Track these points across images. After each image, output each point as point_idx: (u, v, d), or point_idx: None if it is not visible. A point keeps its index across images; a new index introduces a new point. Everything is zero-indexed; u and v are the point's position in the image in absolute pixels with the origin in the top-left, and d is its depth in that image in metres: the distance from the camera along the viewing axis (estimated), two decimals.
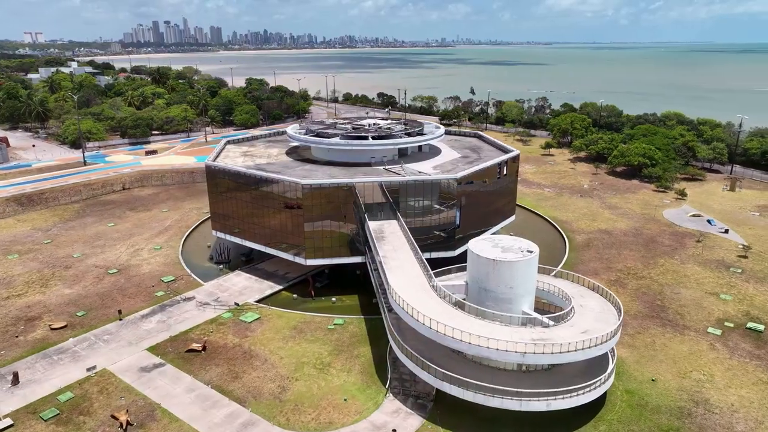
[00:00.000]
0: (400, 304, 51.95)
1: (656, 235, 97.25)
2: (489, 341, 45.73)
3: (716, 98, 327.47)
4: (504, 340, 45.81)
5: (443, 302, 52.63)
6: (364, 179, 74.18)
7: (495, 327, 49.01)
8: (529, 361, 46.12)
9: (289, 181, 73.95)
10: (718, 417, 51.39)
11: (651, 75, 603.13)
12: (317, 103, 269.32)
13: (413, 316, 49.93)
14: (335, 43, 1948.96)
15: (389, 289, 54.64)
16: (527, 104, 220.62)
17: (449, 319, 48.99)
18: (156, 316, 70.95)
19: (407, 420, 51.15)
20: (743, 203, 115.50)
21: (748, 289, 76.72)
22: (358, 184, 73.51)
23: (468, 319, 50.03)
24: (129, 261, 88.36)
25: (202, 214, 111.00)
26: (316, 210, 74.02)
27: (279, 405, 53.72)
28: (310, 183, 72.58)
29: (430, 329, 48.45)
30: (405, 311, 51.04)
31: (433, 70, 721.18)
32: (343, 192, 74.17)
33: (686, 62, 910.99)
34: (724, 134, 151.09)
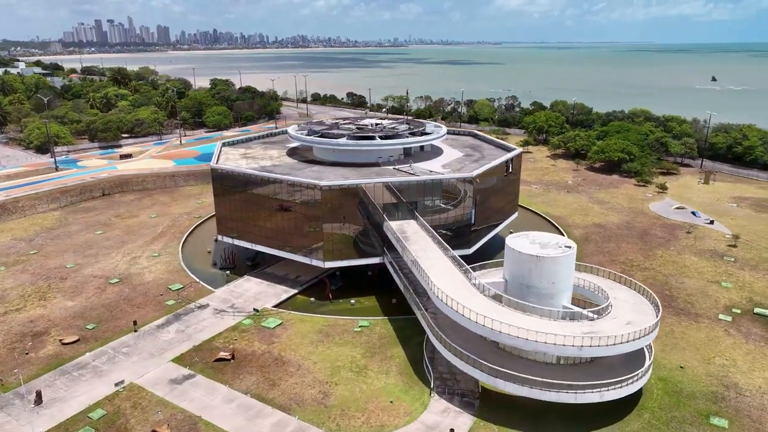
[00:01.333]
0: (448, 303, 52.10)
1: (648, 228, 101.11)
2: (547, 336, 46.49)
3: (663, 95, 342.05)
4: (561, 334, 46.64)
5: (489, 299, 53.13)
6: (382, 179, 73.85)
7: (544, 322, 49.87)
8: (585, 354, 47.20)
9: (307, 182, 72.77)
10: (750, 399, 53.99)
11: (599, 73, 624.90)
12: (286, 103, 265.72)
13: (465, 315, 50.16)
14: (288, 43, 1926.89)
15: (433, 289, 54.65)
16: (497, 103, 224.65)
17: (499, 316, 49.47)
18: (173, 325, 68.49)
19: (458, 419, 51.36)
20: (719, 195, 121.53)
21: (745, 276, 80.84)
22: (377, 184, 73.08)
23: (515, 315, 50.67)
24: (129, 270, 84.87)
25: (193, 219, 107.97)
26: (335, 211, 73.18)
27: (325, 411, 52.89)
28: (329, 184, 71.68)
29: (485, 327, 48.82)
30: (455, 310, 51.20)
31: (390, 70, 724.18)
32: (361, 193, 73.59)
33: (629, 61, 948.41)
34: (691, 130, 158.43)
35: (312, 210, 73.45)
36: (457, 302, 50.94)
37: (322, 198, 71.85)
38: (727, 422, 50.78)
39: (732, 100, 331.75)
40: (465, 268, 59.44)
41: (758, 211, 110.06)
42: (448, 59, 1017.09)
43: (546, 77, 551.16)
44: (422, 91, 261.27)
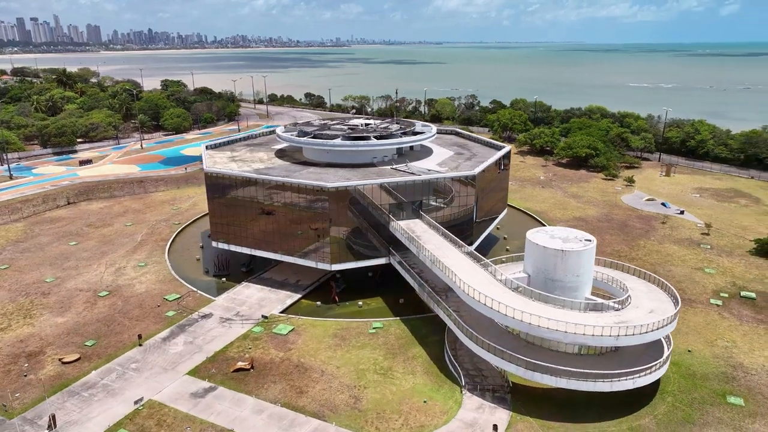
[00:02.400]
0: (481, 300, 52.55)
1: (626, 220, 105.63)
2: (585, 328, 47.81)
3: (601, 93, 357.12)
4: (595, 325, 48.09)
5: (519, 295, 54.01)
6: (389, 179, 73.57)
7: (576, 314, 51.27)
8: (622, 343, 48.83)
9: (313, 184, 71.48)
10: (757, 377, 57.47)
11: (540, 72, 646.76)
12: (244, 105, 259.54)
13: (501, 311, 50.79)
14: (228, 43, 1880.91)
15: (463, 287, 54.98)
16: (457, 102, 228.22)
17: (534, 310, 50.44)
18: (179, 337, 65.70)
19: (495, 414, 51.98)
20: (682, 187, 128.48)
21: (724, 262, 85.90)
22: (383, 184, 72.78)
23: (547, 308, 51.77)
24: (116, 281, 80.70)
25: (172, 225, 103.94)
26: (342, 213, 72.31)
27: (361, 415, 52.25)
28: (337, 185, 70.73)
29: (523, 322, 49.63)
30: (490, 307, 51.71)
31: (337, 69, 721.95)
32: (366, 193, 73.03)
33: (566, 60, 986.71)
34: (647, 125, 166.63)
35: (318, 212, 72.24)
36: (492, 299, 51.51)
37: (329, 200, 70.80)
38: (743, 400, 53.87)
39: (666, 96, 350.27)
40: (484, 263, 60.36)
41: (720, 201, 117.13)
42: (392, 59, 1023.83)
43: (492, 76, 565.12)
44: (374, 90, 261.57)
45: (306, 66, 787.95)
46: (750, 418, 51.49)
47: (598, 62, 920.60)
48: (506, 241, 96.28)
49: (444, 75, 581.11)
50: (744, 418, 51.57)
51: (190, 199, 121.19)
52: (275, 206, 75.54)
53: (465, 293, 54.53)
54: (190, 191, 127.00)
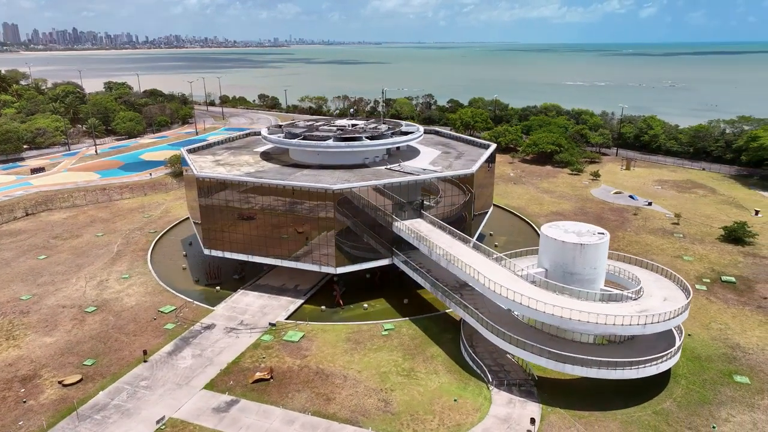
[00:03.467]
0: (508, 296, 53.26)
1: (600, 212, 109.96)
2: (615, 318, 49.44)
3: (542, 91, 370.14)
4: (627, 315, 49.85)
5: (542, 289, 55.08)
6: (391, 180, 73.17)
7: (599, 305, 52.90)
8: (648, 330, 50.74)
9: (317, 187, 70.09)
10: (755, 356, 61.29)
11: (481, 71, 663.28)
12: (195, 107, 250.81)
13: (530, 306, 51.67)
14: (161, 43, 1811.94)
15: (488, 284, 55.47)
16: (415, 101, 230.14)
17: (561, 304, 51.63)
18: (186, 350, 62.82)
19: (526, 408, 52.83)
20: (643, 179, 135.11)
21: (699, 250, 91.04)
22: (386, 185, 72.38)
23: (571, 301, 53.10)
24: (101, 296, 76.20)
25: (149, 234, 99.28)
26: (346, 215, 71.32)
27: (394, 418, 51.79)
28: (341, 187, 69.67)
29: (553, 316, 50.70)
30: (519, 303, 52.48)
31: (280, 69, 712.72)
32: (369, 194, 72.39)
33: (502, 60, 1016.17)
34: (602, 121, 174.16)
35: (322, 215, 70.93)
36: (521, 294, 52.33)
37: (334, 202, 69.67)
38: (748, 378, 57.32)
39: (601, 93, 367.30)
40: (496, 257, 61.39)
41: (681, 192, 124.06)
42: (334, 59, 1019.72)
43: (437, 75, 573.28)
44: (321, 90, 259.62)
45: (247, 66, 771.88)
46: (759, 395, 54.84)
47: (533, 62, 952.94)
48: (493, 238, 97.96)
49: (390, 75, 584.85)
50: (753, 395, 54.87)
51: (160, 206, 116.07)
52: (275, 210, 73.54)
53: (491, 290, 55.06)
54: (158, 198, 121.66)
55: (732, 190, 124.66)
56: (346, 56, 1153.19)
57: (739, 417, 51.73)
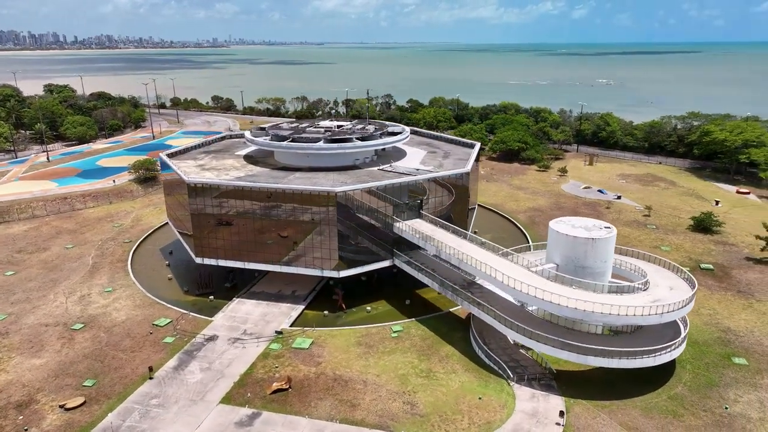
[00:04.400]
0: (529, 291, 54.12)
1: (575, 207, 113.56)
2: (636, 309, 51.16)
3: (488, 90, 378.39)
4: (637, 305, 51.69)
5: (558, 284, 56.23)
6: (391, 181, 72.74)
7: (615, 297, 54.57)
8: (665, 319, 52.75)
9: (319, 190, 68.69)
10: (746, 338, 64.96)
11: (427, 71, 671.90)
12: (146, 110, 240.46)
13: (552, 301, 52.69)
14: (91, 43, 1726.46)
15: (507, 281, 56.08)
16: (375, 101, 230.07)
17: (582, 297, 52.95)
18: (192, 364, 60.18)
19: (550, 401, 53.81)
20: (607, 174, 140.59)
21: (673, 239, 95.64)
22: (387, 186, 71.92)
23: (588, 294, 54.48)
24: (87, 311, 71.85)
25: (123, 244, 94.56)
26: (348, 218, 70.30)
27: (424, 420, 51.54)
28: (344, 189, 68.60)
29: (576, 310, 51.90)
30: (541, 299, 53.38)
31: (224, 70, 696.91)
32: (369, 196, 71.70)
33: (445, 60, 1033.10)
34: (560, 119, 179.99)
35: (324, 218, 69.58)
36: (543, 290, 53.31)
37: (337, 205, 68.50)
38: (745, 360, 60.70)
39: (545, 92, 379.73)
40: (503, 252, 62.40)
41: (645, 185, 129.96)
42: (278, 59, 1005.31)
43: (384, 75, 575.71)
44: (269, 91, 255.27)
45: (188, 67, 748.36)
46: (758, 374, 58.17)
47: (475, 61, 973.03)
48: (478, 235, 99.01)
49: (338, 75, 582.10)
50: (753, 375, 58.14)
51: (129, 214, 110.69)
52: (273, 215, 71.58)
53: (511, 287, 55.74)
54: (126, 206, 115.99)
55: (690, 183, 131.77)
56: (290, 57, 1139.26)
57: (746, 397, 54.68)
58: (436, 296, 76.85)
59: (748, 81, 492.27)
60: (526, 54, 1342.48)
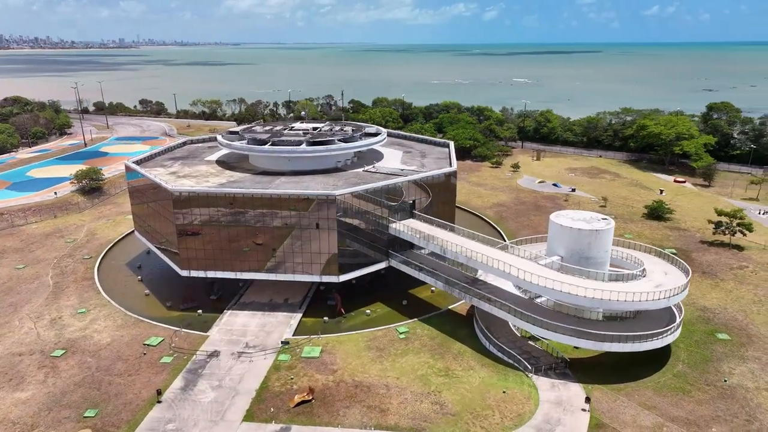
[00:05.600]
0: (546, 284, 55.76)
1: (536, 201, 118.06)
2: (648, 294, 54.08)
3: (415, 90, 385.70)
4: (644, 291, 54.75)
5: (571, 275, 58.26)
6: (388, 182, 72.10)
7: (623, 285, 57.36)
8: (672, 302, 56.14)
9: (318, 194, 66.87)
10: (723, 314, 70.35)
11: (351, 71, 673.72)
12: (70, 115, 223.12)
13: (570, 292, 54.60)
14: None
15: (521, 275, 57.37)
16: (316, 102, 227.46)
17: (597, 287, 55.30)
18: (201, 383, 56.85)
19: (570, 389, 55.71)
20: (556, 168, 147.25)
21: (633, 227, 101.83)
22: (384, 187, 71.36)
23: (599, 283, 56.91)
24: (63, 336, 65.93)
25: (84, 261, 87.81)
26: (347, 221, 69.05)
27: (457, 418, 51.73)
28: (343, 192, 67.22)
29: (594, 299, 54.09)
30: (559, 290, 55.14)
31: (137, 72, 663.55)
32: (365, 199, 70.82)
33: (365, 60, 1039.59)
34: (503, 117, 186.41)
35: (323, 223, 67.86)
36: (560, 282, 55.10)
37: (336, 208, 67.09)
38: (728, 335, 65.86)
39: (467, 90, 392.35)
40: (502, 245, 64.15)
41: (592, 177, 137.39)
42: (195, 60, 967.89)
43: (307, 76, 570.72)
44: (197, 94, 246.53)
45: (98, 69, 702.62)
46: (742, 347, 63.29)
47: (395, 61, 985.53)
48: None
49: (262, 76, 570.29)
50: (738, 348, 63.20)
51: (79, 228, 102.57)
52: (266, 223, 68.93)
53: (528, 281, 57.15)
54: (74, 219, 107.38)
55: (631, 174, 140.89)
56: (208, 58, 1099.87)
57: (738, 369, 59.33)
58: (429, 295, 77.46)
59: (646, 79, 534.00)
60: (443, 54, 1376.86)
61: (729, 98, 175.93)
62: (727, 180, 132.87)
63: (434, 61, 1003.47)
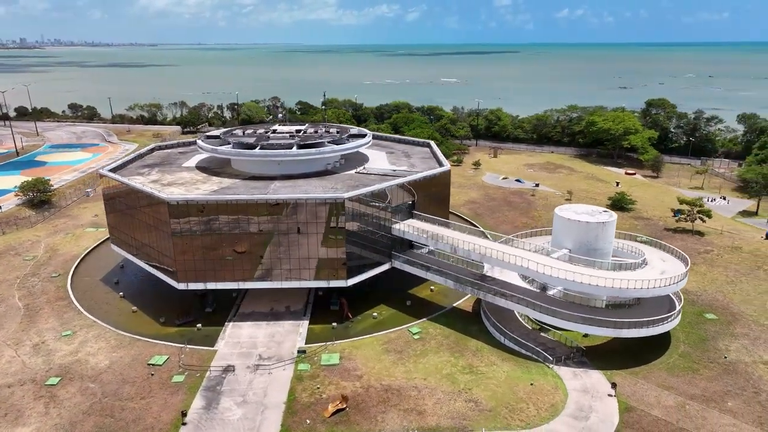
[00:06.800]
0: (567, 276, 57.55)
1: (504, 197, 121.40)
2: (661, 281, 57.08)
3: (349, 91, 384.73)
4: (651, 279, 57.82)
5: (583, 267, 60.37)
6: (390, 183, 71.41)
7: (631, 273, 60.18)
8: (680, 287, 59.51)
9: (325, 197, 65.23)
10: (703, 296, 75.29)
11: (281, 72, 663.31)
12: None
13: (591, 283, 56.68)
14: None
15: (540, 269, 58.81)
16: (262, 104, 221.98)
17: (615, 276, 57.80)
18: (224, 400, 54.08)
19: (592, 377, 57.78)
20: (514, 165, 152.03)
21: None
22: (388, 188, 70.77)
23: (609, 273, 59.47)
24: (53, 362, 60.58)
25: (51, 279, 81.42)
26: (355, 224, 67.84)
27: (494, 414, 52.30)
28: (351, 195, 65.93)
29: (613, 288, 56.46)
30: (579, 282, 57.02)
31: (47, 74, 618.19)
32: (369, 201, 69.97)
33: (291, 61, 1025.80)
34: (455, 116, 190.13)
35: (331, 227, 66.27)
36: (581, 273, 57.07)
37: (344, 212, 65.80)
38: (714, 314, 70.76)
39: (399, 90, 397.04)
40: (504, 239, 65.98)
41: (550, 172, 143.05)
42: (111, 62, 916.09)
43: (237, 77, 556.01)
44: (126, 96, 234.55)
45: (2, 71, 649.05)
46: (730, 325, 68.21)
47: (322, 62, 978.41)
48: None
49: (190, 78, 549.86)
50: (727, 326, 68.07)
51: (35, 244, 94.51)
52: (271, 229, 66.45)
53: (547, 275, 58.68)
54: (26, 235, 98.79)
55: (585, 168, 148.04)
56: (124, 59, 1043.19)
57: (732, 345, 63.90)
58: (429, 294, 77.78)
59: (566, 77, 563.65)
60: (369, 54, 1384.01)
61: (642, 95, 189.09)
62: (671, 171, 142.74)
63: (361, 61, 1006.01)
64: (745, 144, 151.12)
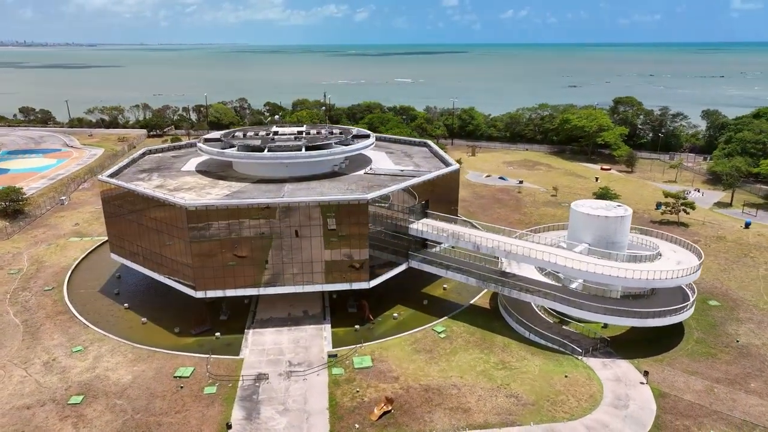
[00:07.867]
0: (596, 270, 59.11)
1: (493, 194, 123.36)
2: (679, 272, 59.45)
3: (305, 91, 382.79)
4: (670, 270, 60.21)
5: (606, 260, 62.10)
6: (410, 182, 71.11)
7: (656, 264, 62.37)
8: (697, 277, 62.08)
9: (348, 198, 64.35)
10: (702, 284, 78.07)
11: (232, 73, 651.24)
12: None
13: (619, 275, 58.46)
14: None
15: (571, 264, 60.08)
16: (230, 105, 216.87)
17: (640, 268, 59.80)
18: (265, 410, 52.63)
19: (621, 366, 59.54)
20: (494, 162, 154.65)
21: None
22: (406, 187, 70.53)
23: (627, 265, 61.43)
24: (71, 380, 57.26)
25: (44, 292, 77.08)
26: (375, 225, 67.25)
27: (537, 407, 53.09)
28: (373, 196, 65.16)
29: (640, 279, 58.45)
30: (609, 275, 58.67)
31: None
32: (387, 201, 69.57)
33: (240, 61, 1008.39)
34: (429, 115, 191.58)
35: (354, 229, 65.37)
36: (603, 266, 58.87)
37: (367, 212, 65.11)
38: (716, 301, 74.32)
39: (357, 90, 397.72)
40: (519, 234, 67.54)
41: (530, 169, 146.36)
42: (52, 63, 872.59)
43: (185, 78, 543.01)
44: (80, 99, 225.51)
45: None
46: (734, 311, 71.82)
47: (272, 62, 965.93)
48: None
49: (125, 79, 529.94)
50: (731, 311, 71.63)
51: (17, 257, 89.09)
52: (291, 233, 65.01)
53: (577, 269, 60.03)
54: (6, 247, 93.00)
55: (562, 164, 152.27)
56: (63, 60, 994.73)
57: (741, 330, 67.32)
58: (443, 292, 78.18)
59: (517, 76, 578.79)
60: (318, 55, 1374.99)
61: (591, 93, 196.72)
62: (644, 166, 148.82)
63: (312, 62, 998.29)
64: (707, 139, 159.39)
